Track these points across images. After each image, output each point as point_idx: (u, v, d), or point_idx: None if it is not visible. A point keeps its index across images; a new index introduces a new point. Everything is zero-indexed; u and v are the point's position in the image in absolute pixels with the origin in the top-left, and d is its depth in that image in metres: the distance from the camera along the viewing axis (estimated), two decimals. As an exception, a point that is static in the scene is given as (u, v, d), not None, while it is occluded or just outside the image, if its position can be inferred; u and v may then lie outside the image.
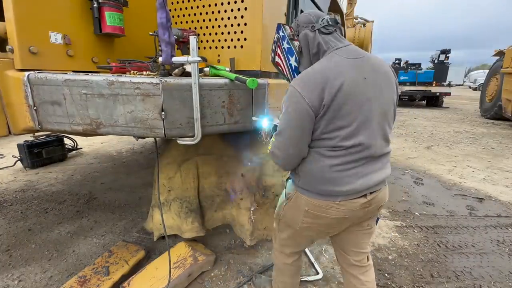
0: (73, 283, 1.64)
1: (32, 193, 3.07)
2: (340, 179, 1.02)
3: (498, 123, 8.25)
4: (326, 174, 1.02)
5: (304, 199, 1.10)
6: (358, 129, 0.99)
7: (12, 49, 1.26)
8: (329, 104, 0.95)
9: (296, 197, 1.14)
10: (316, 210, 1.08)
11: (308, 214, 1.11)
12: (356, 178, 1.02)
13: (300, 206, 1.13)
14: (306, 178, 1.08)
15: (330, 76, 0.96)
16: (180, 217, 1.99)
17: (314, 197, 1.07)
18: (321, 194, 1.05)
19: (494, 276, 1.91)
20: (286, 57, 1.24)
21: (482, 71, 25.74)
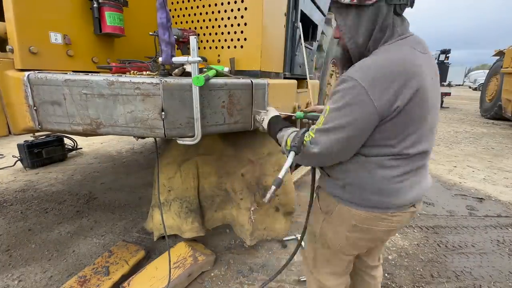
0: (73, 283, 1.64)
1: (32, 193, 3.07)
2: (397, 190, 0.91)
3: (498, 123, 8.25)
4: (384, 186, 0.91)
5: (351, 212, 0.98)
6: (424, 136, 0.89)
7: (12, 49, 1.26)
8: (401, 109, 0.81)
9: (339, 210, 1.01)
10: (366, 224, 0.97)
11: (355, 228, 0.99)
12: (411, 188, 0.94)
13: (344, 221, 1.00)
14: (356, 190, 0.95)
15: (407, 73, 0.80)
16: (180, 217, 1.99)
17: (365, 210, 0.95)
18: (373, 207, 0.94)
19: (494, 276, 1.91)
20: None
21: (482, 71, 25.68)
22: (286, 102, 1.89)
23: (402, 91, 0.80)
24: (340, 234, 1.04)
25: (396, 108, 0.81)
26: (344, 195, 0.99)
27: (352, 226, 0.99)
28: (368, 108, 0.80)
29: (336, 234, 1.06)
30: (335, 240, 1.07)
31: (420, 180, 0.97)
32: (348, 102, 0.82)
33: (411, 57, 0.84)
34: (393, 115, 0.82)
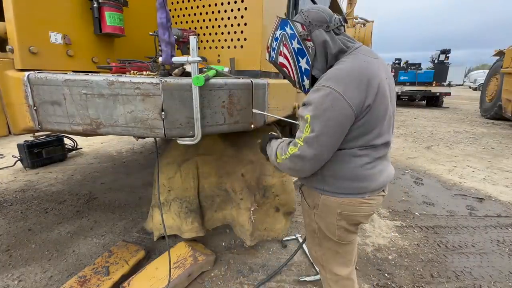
0: (73, 283, 1.64)
1: (32, 193, 3.07)
2: (370, 176, 1.03)
3: (498, 123, 8.25)
4: (359, 172, 1.02)
5: (334, 201, 1.07)
6: (386, 128, 1.02)
7: (12, 49, 1.26)
8: (370, 105, 0.94)
9: (324, 201, 1.10)
10: (349, 210, 1.07)
11: (341, 216, 1.09)
12: (380, 174, 1.06)
13: (330, 210, 1.10)
14: (335, 180, 1.05)
15: (369, 75, 0.94)
16: (180, 217, 1.99)
17: (345, 197, 1.06)
18: (351, 193, 1.05)
19: (494, 276, 1.91)
20: (295, 58, 1.11)
21: (482, 71, 25.72)
22: (286, 102, 1.89)
23: (369, 91, 0.94)
24: (332, 224, 1.12)
25: (367, 106, 0.94)
26: (325, 186, 1.08)
27: (338, 214, 1.09)
28: (345, 109, 0.92)
29: (328, 225, 1.14)
30: (330, 230, 1.15)
31: (386, 168, 1.11)
32: (326, 108, 0.92)
33: (367, 62, 0.99)
34: (365, 112, 0.95)
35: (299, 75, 1.14)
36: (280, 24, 1.10)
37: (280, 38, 1.11)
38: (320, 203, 1.12)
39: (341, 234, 1.14)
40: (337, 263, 1.23)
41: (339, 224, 1.10)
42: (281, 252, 2.13)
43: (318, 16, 1.03)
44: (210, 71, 1.29)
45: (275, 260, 2.03)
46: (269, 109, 1.57)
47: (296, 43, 1.07)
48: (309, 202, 1.19)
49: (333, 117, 0.92)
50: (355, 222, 1.12)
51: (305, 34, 1.04)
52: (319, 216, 1.15)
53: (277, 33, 1.12)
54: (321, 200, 1.11)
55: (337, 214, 1.08)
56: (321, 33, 1.03)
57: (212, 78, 1.25)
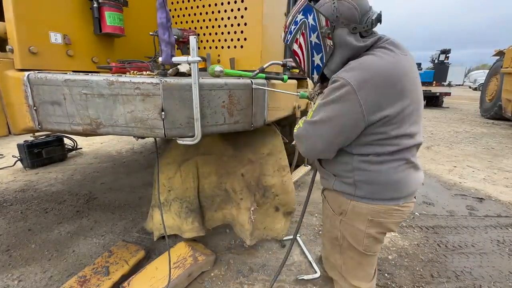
0: (73, 283, 1.64)
1: (32, 193, 3.07)
2: (404, 181, 0.96)
3: (498, 123, 8.25)
4: (393, 178, 0.95)
5: (366, 207, 1.00)
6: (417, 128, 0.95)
7: (12, 49, 1.26)
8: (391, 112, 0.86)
9: (354, 208, 1.02)
10: (381, 217, 1.00)
11: (372, 223, 1.01)
12: (413, 179, 0.99)
13: (360, 217, 1.02)
14: (368, 186, 0.98)
15: (392, 77, 0.85)
16: (180, 217, 1.99)
17: (378, 203, 0.98)
18: (386, 199, 0.98)
19: (494, 276, 1.91)
20: (310, 51, 1.01)
21: (482, 71, 25.69)
22: (286, 102, 1.89)
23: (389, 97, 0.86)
24: (360, 232, 1.04)
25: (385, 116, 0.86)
26: (356, 192, 1.00)
27: (369, 221, 1.01)
28: (355, 112, 0.85)
29: (356, 232, 1.05)
30: (357, 239, 1.06)
31: (418, 172, 1.02)
32: (335, 100, 0.87)
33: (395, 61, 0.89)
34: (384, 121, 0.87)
35: (310, 68, 1.06)
36: (304, 9, 0.97)
37: (300, 24, 0.99)
38: (349, 210, 1.03)
39: (368, 244, 1.06)
40: (358, 275, 1.15)
41: (369, 232, 1.03)
42: (280, 252, 2.13)
43: (349, 13, 0.89)
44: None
45: (275, 260, 2.03)
46: (269, 109, 1.57)
47: (315, 37, 0.97)
48: (334, 208, 1.11)
49: (340, 116, 0.87)
50: (386, 230, 1.04)
51: (327, 31, 0.92)
52: (346, 223, 1.07)
53: (298, 16, 0.99)
54: (350, 206, 1.03)
55: (367, 221, 1.01)
56: (344, 33, 0.91)
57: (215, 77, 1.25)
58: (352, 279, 1.15)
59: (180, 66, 1.22)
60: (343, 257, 1.15)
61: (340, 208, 1.07)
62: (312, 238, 2.30)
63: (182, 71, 1.22)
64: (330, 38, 0.93)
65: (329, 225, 1.17)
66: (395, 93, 0.86)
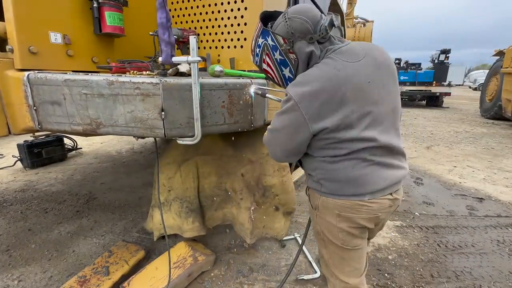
0: (73, 283, 1.64)
1: (32, 193, 3.07)
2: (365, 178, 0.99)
3: (498, 123, 8.25)
4: (350, 175, 0.99)
5: (331, 202, 1.06)
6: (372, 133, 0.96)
7: (12, 49, 1.26)
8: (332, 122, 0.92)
9: (323, 203, 1.09)
10: (347, 212, 1.04)
11: (340, 218, 1.06)
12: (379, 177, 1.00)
13: (329, 211, 1.08)
14: (330, 183, 1.04)
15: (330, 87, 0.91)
16: (180, 217, 1.99)
17: (342, 199, 1.03)
18: (348, 195, 1.02)
19: (494, 276, 1.91)
20: (278, 67, 1.11)
21: (482, 71, 25.68)
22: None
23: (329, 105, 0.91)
24: (332, 226, 1.10)
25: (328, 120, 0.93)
26: (322, 188, 1.08)
27: (337, 215, 1.07)
28: (300, 122, 0.95)
29: (329, 227, 1.12)
30: (333, 233, 1.12)
31: (392, 168, 1.04)
32: (286, 112, 0.98)
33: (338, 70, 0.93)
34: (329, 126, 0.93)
35: (283, 81, 1.15)
36: (262, 33, 1.06)
37: (262, 46, 1.09)
38: (320, 204, 1.11)
39: (344, 238, 1.10)
40: (344, 270, 1.18)
41: (340, 226, 1.07)
42: (280, 252, 2.13)
43: (302, 27, 0.98)
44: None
45: (275, 260, 2.03)
46: (269, 109, 1.57)
47: (279, 55, 1.06)
48: (312, 203, 1.19)
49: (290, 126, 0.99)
50: (356, 225, 1.07)
51: (286, 47, 1.02)
52: (320, 217, 1.14)
53: (259, 40, 1.09)
54: (320, 201, 1.10)
55: (335, 215, 1.06)
56: (303, 45, 1.00)
57: (215, 77, 1.25)
58: (340, 274, 1.19)
59: (180, 66, 1.23)
60: (328, 251, 1.20)
61: (314, 203, 1.15)
62: (312, 238, 2.30)
63: (182, 71, 1.22)
64: (292, 52, 1.03)
65: (313, 221, 1.24)
66: (335, 102, 0.92)
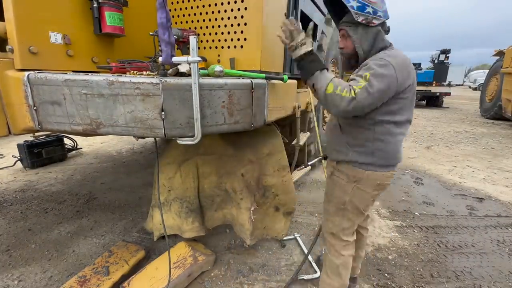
0: (73, 283, 1.64)
1: (32, 193, 3.07)
2: (401, 151, 1.30)
3: (498, 123, 8.25)
4: (399, 148, 1.27)
5: (377, 175, 1.29)
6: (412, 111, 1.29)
7: (12, 49, 1.26)
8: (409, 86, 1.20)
9: (368, 176, 1.30)
10: (385, 181, 1.31)
11: (379, 187, 1.32)
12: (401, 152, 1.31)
13: (371, 182, 1.31)
14: (383, 154, 1.26)
15: (411, 66, 1.23)
16: (180, 217, 1.99)
17: (386, 170, 1.30)
18: (391, 166, 1.30)
19: (494, 276, 1.91)
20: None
21: (482, 71, 25.66)
22: (286, 102, 1.89)
23: (410, 77, 1.21)
24: (368, 194, 1.34)
25: (407, 86, 1.20)
26: (373, 159, 1.28)
27: (377, 185, 1.32)
28: (394, 84, 1.16)
29: (364, 195, 1.35)
30: (363, 200, 1.36)
31: None
32: (384, 74, 1.15)
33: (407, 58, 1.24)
34: (404, 91, 1.20)
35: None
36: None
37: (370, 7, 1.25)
38: (365, 177, 1.31)
39: (369, 204, 1.38)
40: (349, 231, 1.46)
41: (373, 193, 1.33)
42: (281, 252, 2.13)
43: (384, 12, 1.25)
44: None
45: (275, 260, 2.03)
46: (269, 109, 1.57)
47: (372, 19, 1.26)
48: (350, 176, 1.35)
49: (386, 81, 1.15)
50: (382, 191, 1.37)
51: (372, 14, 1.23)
52: (359, 188, 1.33)
53: None
54: (365, 174, 1.30)
55: (376, 185, 1.31)
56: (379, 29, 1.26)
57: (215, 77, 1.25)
58: (344, 236, 1.46)
59: (180, 66, 1.22)
60: (343, 219, 1.43)
61: (356, 177, 1.33)
62: (312, 238, 2.30)
63: (182, 71, 1.22)
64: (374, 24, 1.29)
65: (339, 192, 1.41)
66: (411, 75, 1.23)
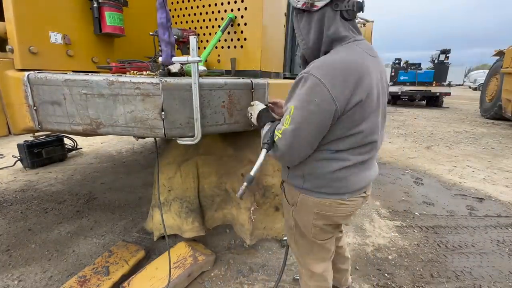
0: (73, 283, 1.64)
1: (32, 193, 3.07)
2: (350, 179, 1.01)
3: (498, 123, 8.25)
4: (338, 175, 1.00)
5: (312, 201, 1.06)
6: (372, 131, 0.98)
7: (12, 49, 1.26)
8: (357, 104, 0.89)
9: (302, 200, 1.10)
10: (326, 211, 1.06)
11: (318, 216, 1.08)
12: (362, 177, 1.04)
13: (308, 209, 1.09)
14: (315, 179, 1.03)
15: (361, 73, 0.88)
16: (180, 217, 1.99)
17: (324, 198, 1.04)
18: (330, 194, 1.03)
19: (494, 276, 1.91)
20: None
21: (482, 71, 25.65)
22: (286, 102, 1.89)
23: (357, 89, 0.88)
24: (308, 222, 1.12)
25: (353, 104, 0.89)
26: (305, 184, 1.06)
27: (315, 213, 1.08)
28: (329, 104, 0.86)
29: (305, 223, 1.14)
30: (307, 228, 1.15)
31: (369, 170, 1.09)
32: (311, 99, 0.87)
33: (363, 59, 0.92)
34: (349, 111, 0.90)
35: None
36: None
37: None
38: (299, 201, 1.11)
39: (316, 233, 1.14)
40: (311, 259, 1.25)
41: (315, 223, 1.10)
42: (280, 252, 2.13)
43: None
44: None
45: (275, 260, 2.03)
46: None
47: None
48: (288, 198, 1.20)
49: (316, 112, 0.87)
50: (332, 222, 1.12)
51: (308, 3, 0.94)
52: (297, 213, 1.15)
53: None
54: (299, 198, 1.10)
55: (314, 213, 1.08)
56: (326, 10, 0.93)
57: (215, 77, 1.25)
58: (306, 263, 1.26)
59: (171, 67, 1.22)
60: (297, 244, 1.26)
61: (293, 200, 1.15)
62: (312, 238, 2.30)
63: (174, 72, 1.22)
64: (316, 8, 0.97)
65: (286, 215, 1.27)
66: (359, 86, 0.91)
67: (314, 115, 0.88)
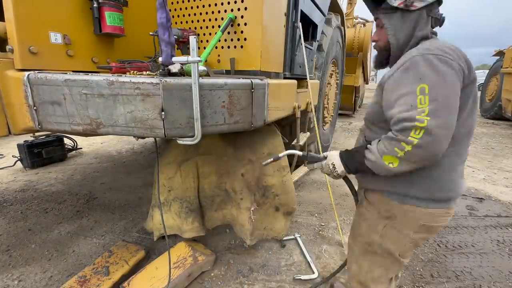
0: (73, 283, 1.64)
1: (32, 193, 3.07)
2: (458, 180, 0.91)
3: (498, 123, 8.25)
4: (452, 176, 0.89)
5: (419, 212, 0.93)
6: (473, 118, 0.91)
7: (12, 49, 1.26)
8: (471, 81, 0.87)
9: (405, 212, 0.95)
10: (434, 222, 0.94)
11: (422, 229, 0.95)
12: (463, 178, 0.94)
13: (410, 222, 0.95)
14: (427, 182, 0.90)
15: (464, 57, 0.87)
16: (180, 217, 1.99)
17: (433, 207, 0.92)
18: (439, 201, 0.91)
19: (494, 276, 1.91)
20: None
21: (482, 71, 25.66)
22: (286, 102, 1.89)
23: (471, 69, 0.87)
24: (405, 237, 0.98)
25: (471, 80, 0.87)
26: (412, 191, 0.93)
27: (420, 226, 0.95)
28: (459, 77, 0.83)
29: (400, 238, 0.99)
30: (398, 244, 1.01)
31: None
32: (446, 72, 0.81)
33: None
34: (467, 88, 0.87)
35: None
36: None
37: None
38: (400, 213, 0.97)
39: (407, 250, 1.01)
40: (382, 281, 1.10)
41: (414, 238, 0.97)
42: (280, 252, 2.13)
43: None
44: None
45: (275, 260, 2.03)
46: (269, 109, 1.56)
47: None
48: (381, 210, 1.03)
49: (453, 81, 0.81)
50: (431, 234, 0.99)
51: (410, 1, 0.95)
52: (393, 228, 0.99)
53: None
54: (402, 210, 0.96)
55: (418, 226, 0.94)
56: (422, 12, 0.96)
57: (215, 77, 1.25)
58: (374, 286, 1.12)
59: (171, 67, 1.22)
60: (372, 264, 1.10)
61: (389, 212, 0.99)
62: (312, 238, 2.30)
63: (174, 72, 1.22)
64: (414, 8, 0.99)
65: (366, 229, 1.10)
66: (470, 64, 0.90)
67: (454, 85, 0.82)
